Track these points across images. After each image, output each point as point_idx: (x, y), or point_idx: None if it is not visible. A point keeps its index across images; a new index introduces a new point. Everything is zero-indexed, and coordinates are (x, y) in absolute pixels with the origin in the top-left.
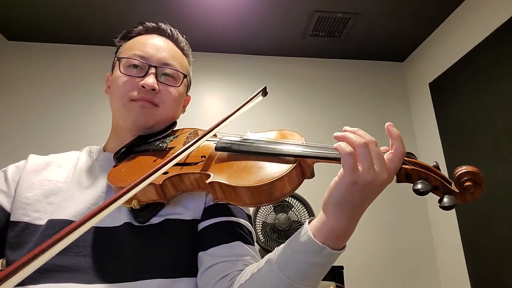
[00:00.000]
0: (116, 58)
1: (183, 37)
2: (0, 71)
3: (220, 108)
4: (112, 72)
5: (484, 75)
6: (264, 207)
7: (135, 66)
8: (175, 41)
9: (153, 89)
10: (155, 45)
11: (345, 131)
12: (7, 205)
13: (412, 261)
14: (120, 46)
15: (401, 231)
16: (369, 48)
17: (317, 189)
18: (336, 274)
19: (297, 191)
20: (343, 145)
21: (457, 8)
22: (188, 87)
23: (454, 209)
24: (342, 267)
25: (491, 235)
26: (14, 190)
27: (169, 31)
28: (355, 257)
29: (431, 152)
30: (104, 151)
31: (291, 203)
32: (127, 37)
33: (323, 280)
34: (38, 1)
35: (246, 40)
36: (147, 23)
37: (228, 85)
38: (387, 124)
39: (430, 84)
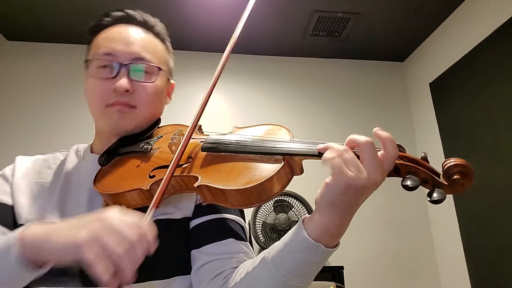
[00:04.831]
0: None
1: (156, 20)
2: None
3: (220, 107)
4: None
5: (484, 75)
6: (264, 207)
7: (105, 66)
8: (148, 28)
9: (127, 90)
10: (124, 39)
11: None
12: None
13: (412, 261)
14: (91, 41)
15: (401, 231)
16: (369, 48)
17: (317, 189)
18: (336, 274)
19: (297, 191)
20: (326, 154)
21: (457, 8)
22: (170, 74)
23: (454, 209)
24: (342, 267)
25: (491, 235)
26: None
27: (139, 17)
28: (355, 257)
29: (431, 152)
30: (91, 152)
31: (291, 203)
32: (94, 31)
33: (323, 280)
34: (38, 1)
35: (246, 40)
36: (114, 13)
37: (228, 85)
38: (374, 129)
39: (430, 84)
